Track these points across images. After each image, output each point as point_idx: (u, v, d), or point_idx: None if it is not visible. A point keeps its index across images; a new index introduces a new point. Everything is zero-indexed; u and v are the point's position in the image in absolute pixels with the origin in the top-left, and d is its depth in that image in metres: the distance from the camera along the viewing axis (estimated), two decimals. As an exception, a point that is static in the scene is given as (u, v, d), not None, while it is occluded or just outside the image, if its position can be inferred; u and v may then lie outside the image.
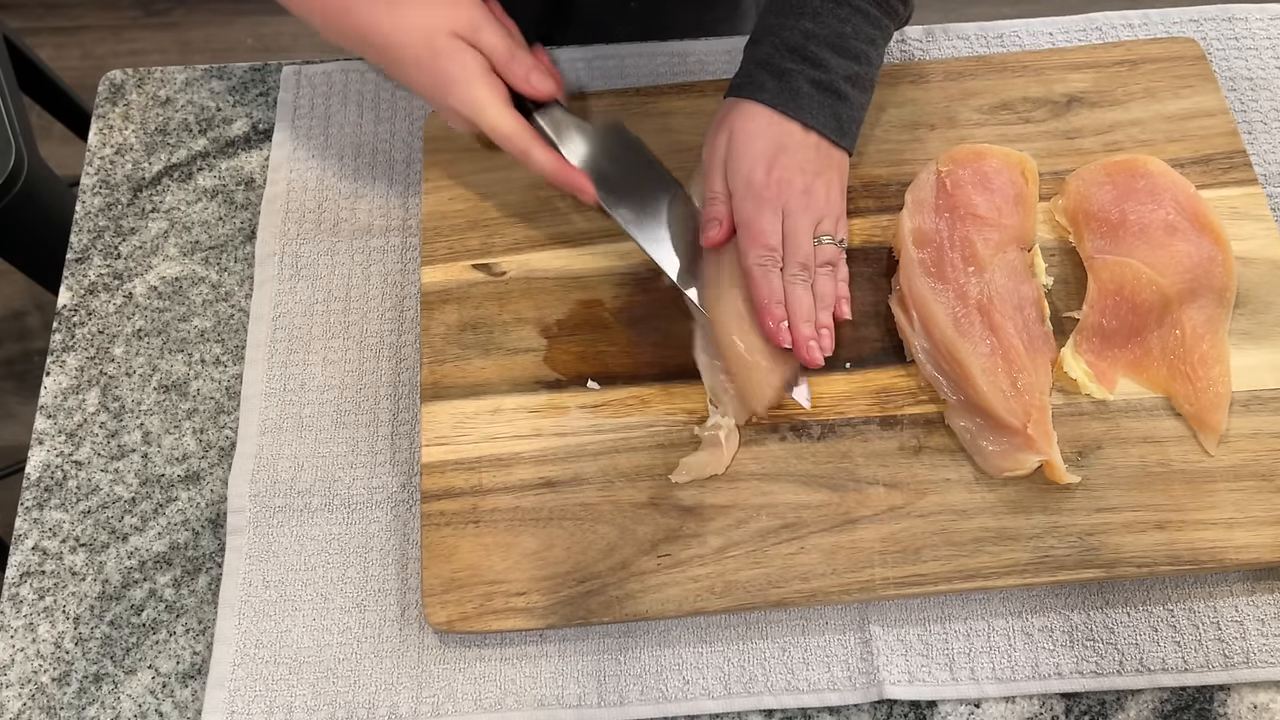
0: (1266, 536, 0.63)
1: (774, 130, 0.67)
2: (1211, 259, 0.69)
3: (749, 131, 0.67)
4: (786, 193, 0.66)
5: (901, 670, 0.63)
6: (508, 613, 0.63)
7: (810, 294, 0.66)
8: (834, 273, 0.68)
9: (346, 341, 0.74)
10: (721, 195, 0.68)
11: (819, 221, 0.67)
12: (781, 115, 0.67)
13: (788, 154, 0.66)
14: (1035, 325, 0.68)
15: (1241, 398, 0.67)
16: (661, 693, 0.63)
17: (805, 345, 0.65)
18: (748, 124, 0.67)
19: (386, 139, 0.81)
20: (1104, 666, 0.63)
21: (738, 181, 0.67)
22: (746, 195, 0.66)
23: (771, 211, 0.66)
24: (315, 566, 0.67)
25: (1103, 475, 0.65)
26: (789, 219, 0.66)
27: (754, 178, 0.66)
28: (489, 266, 0.73)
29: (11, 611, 0.67)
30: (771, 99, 0.67)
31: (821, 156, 0.68)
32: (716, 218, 0.68)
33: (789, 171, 0.66)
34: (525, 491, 0.66)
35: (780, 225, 0.66)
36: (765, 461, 0.66)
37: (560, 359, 0.70)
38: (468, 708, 0.64)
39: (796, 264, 0.66)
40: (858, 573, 0.63)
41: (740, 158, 0.67)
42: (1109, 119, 0.76)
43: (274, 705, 0.64)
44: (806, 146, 0.67)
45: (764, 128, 0.67)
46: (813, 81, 0.67)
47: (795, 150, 0.67)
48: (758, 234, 0.66)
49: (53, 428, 0.73)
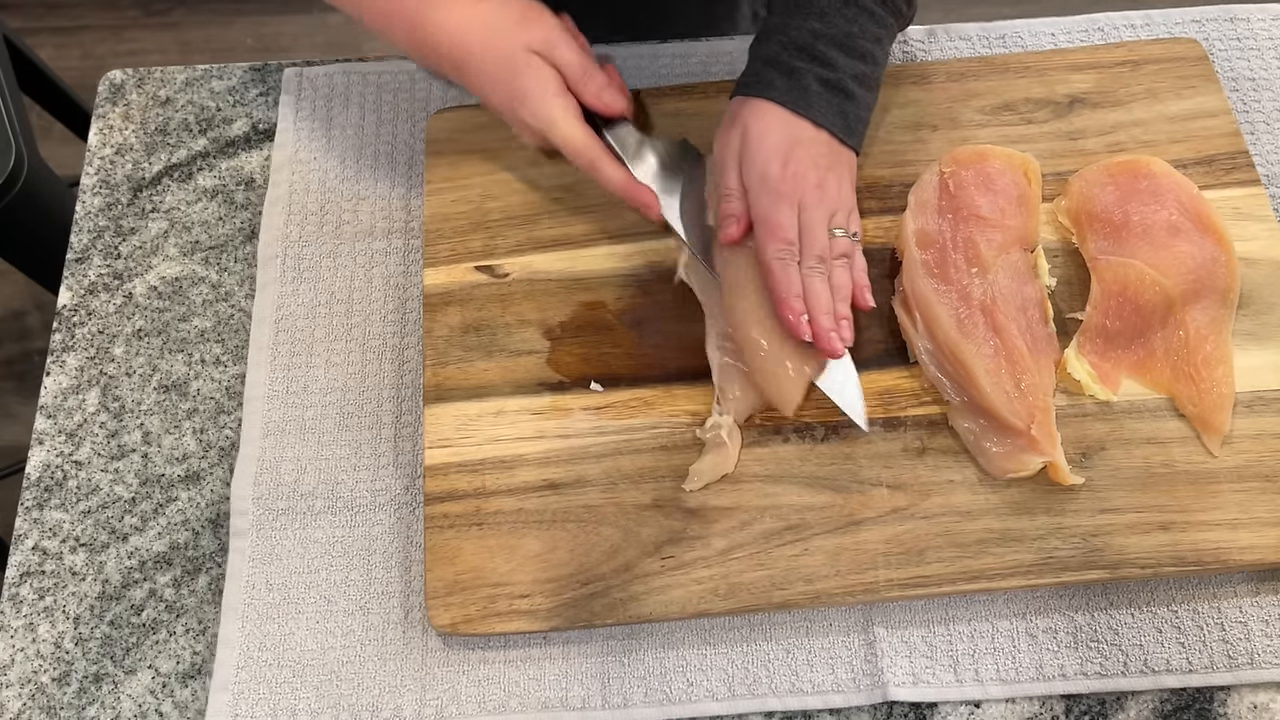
0: (1270, 537, 0.63)
1: (786, 127, 0.67)
2: (1215, 260, 0.69)
3: (762, 128, 0.67)
4: (801, 187, 0.66)
5: (905, 672, 0.63)
6: (511, 615, 0.63)
7: (828, 287, 0.66)
8: (850, 264, 0.68)
9: (349, 344, 0.74)
10: (737, 191, 0.68)
11: (832, 215, 0.67)
12: (792, 113, 0.67)
13: (801, 148, 0.67)
14: (1038, 326, 0.68)
15: (1245, 398, 0.67)
16: (666, 695, 0.63)
17: (826, 336, 0.65)
18: (760, 120, 0.67)
19: (388, 141, 0.81)
20: (1108, 668, 0.63)
21: (753, 177, 0.67)
22: (763, 190, 0.66)
23: (788, 206, 0.66)
24: (318, 569, 0.67)
25: (1106, 476, 0.65)
26: (804, 213, 0.66)
27: (769, 172, 0.66)
28: (492, 268, 0.73)
29: (11, 611, 0.67)
30: (781, 96, 0.67)
31: (833, 153, 0.68)
32: (734, 214, 0.68)
33: (803, 166, 0.66)
34: (528, 494, 0.66)
35: (797, 219, 0.66)
36: (769, 463, 0.66)
37: (563, 361, 0.70)
38: (471, 710, 0.63)
39: (814, 257, 0.66)
40: (861, 574, 0.63)
41: (755, 153, 0.67)
42: (1111, 120, 0.76)
43: (278, 708, 0.64)
44: (818, 142, 0.67)
45: (776, 124, 0.67)
46: (821, 80, 0.67)
47: (808, 145, 0.67)
48: (776, 228, 0.66)
49: (53, 428, 0.73)
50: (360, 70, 0.83)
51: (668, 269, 0.72)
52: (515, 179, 0.76)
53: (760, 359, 0.66)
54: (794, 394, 0.66)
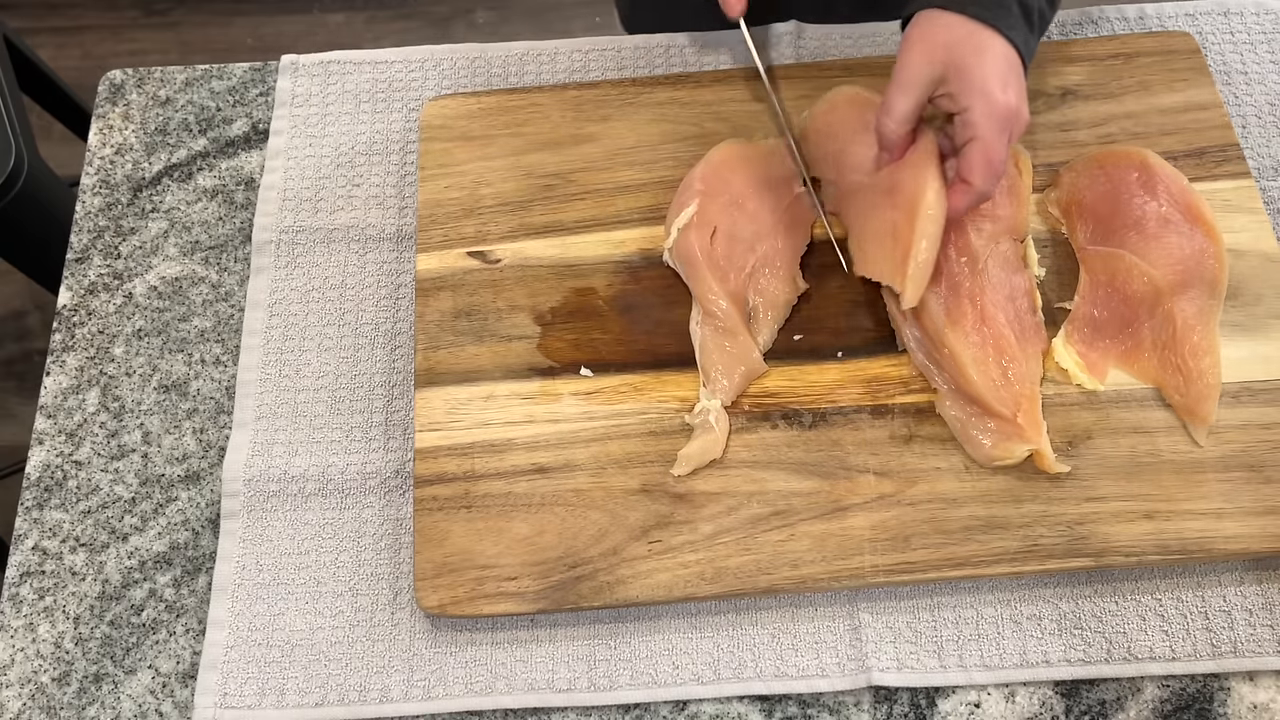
0: (1254, 527, 0.64)
1: (1001, 48, 0.63)
2: (1204, 251, 0.70)
3: (979, 47, 0.63)
4: (1015, 121, 0.63)
5: (890, 657, 0.64)
6: (499, 597, 0.64)
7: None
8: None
9: (341, 329, 0.74)
10: (909, 117, 0.65)
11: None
12: (1003, 37, 0.63)
13: (1015, 75, 0.63)
14: (1027, 315, 0.69)
15: (1231, 389, 0.67)
16: (652, 678, 0.64)
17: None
18: (974, 39, 0.63)
19: (383, 128, 0.81)
20: (1092, 655, 0.63)
21: (975, 98, 0.62)
22: (990, 115, 0.62)
23: (1006, 136, 0.63)
24: (309, 551, 0.68)
25: (1092, 465, 0.65)
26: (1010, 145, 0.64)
27: (994, 97, 0.62)
28: (484, 254, 0.74)
29: (11, 611, 0.68)
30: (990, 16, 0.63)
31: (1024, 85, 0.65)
32: (897, 144, 0.65)
33: (1018, 95, 0.63)
34: (517, 477, 0.66)
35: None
36: (757, 449, 0.67)
37: (554, 346, 0.70)
38: (458, 691, 0.64)
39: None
40: (847, 560, 0.64)
41: (974, 73, 0.62)
42: (1103, 112, 0.76)
43: (266, 688, 0.64)
44: (1019, 71, 0.64)
45: (991, 43, 0.63)
46: (1022, 8, 0.64)
47: (1018, 71, 0.64)
48: (997, 164, 0.63)
49: (53, 428, 0.73)
50: (355, 59, 0.84)
51: (658, 256, 0.73)
52: (508, 166, 0.76)
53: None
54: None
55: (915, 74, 0.64)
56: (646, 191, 0.75)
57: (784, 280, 0.71)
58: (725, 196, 0.72)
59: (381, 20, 1.97)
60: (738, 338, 0.68)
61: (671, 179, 0.75)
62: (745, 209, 0.72)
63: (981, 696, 0.63)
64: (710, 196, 0.72)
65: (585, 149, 0.77)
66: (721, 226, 0.71)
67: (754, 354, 0.68)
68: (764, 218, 0.72)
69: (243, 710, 0.64)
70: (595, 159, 0.76)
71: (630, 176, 0.76)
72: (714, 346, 0.68)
